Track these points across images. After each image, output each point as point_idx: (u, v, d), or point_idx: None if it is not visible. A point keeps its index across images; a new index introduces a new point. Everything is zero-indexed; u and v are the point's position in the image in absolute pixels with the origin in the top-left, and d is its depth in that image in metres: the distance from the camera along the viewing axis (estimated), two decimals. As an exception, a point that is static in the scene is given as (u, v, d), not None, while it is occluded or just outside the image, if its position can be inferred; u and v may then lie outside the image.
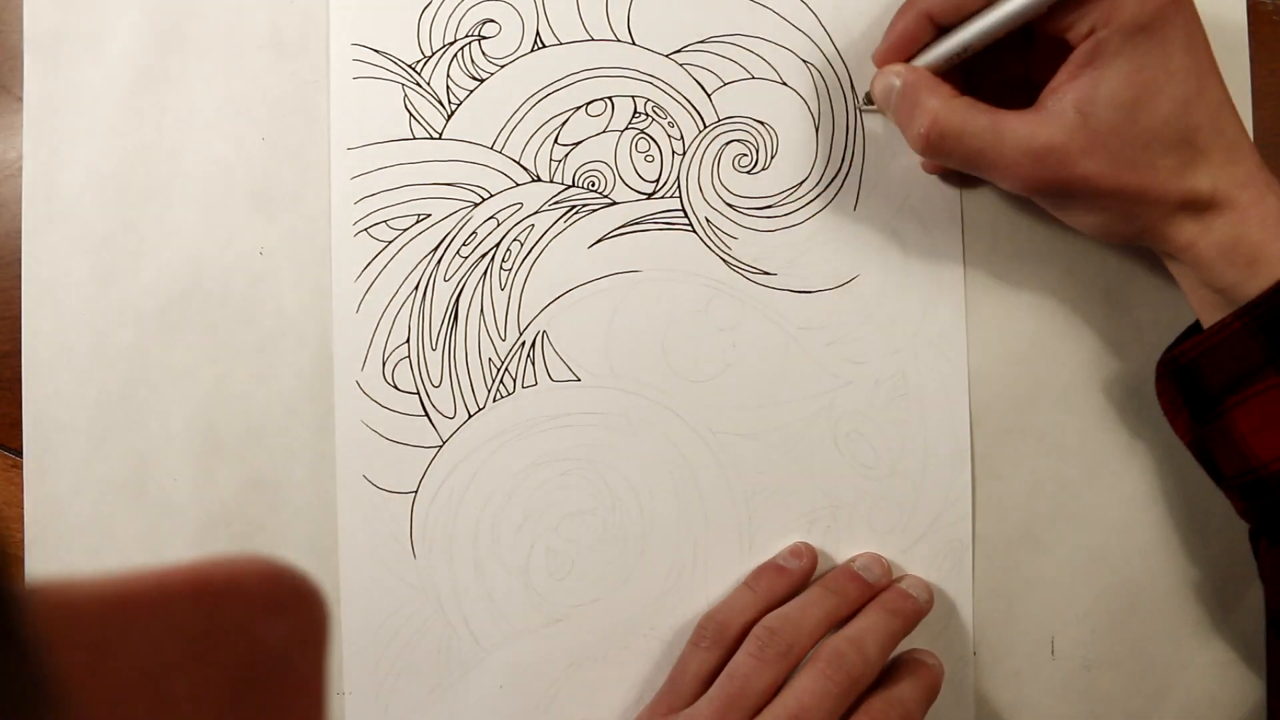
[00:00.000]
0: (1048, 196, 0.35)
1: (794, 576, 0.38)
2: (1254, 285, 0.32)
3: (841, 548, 0.39)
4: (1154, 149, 0.32)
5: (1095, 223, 0.35)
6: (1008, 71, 0.37)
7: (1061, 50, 0.33)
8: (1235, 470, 0.34)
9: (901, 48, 0.36)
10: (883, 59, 0.36)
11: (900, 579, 0.39)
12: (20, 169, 0.38)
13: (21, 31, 0.39)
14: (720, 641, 0.37)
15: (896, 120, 0.35)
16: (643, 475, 0.39)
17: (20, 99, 0.39)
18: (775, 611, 0.36)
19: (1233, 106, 0.33)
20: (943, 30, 0.35)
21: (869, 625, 0.36)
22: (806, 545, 0.39)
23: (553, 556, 0.39)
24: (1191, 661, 0.40)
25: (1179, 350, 0.34)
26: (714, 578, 0.39)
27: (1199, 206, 0.33)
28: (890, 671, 0.37)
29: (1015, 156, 0.33)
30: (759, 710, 0.34)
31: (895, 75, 0.35)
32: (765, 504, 0.39)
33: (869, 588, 0.38)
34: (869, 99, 0.38)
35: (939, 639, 0.40)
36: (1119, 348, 0.40)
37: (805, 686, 0.34)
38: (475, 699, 0.39)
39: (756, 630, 0.36)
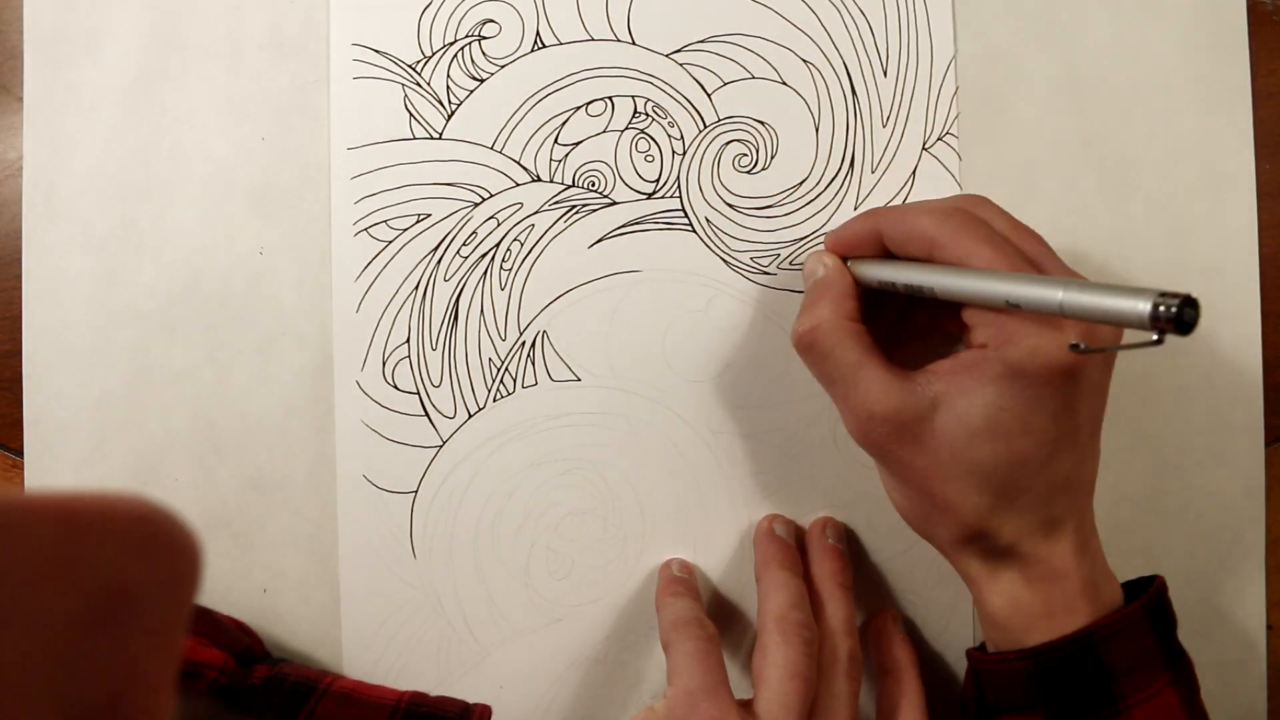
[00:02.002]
0: (868, 451, 0.33)
1: None
2: (1023, 640, 0.32)
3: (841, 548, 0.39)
4: (971, 480, 0.31)
5: (898, 502, 0.34)
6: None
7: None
8: None
9: (849, 244, 0.35)
10: (831, 243, 0.36)
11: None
12: (20, 169, 0.38)
13: (21, 31, 0.39)
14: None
15: (805, 291, 0.36)
16: (643, 475, 0.39)
17: (20, 99, 0.39)
18: None
19: (1086, 489, 0.32)
20: (889, 252, 0.34)
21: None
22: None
23: (553, 556, 0.39)
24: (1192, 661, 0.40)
25: (975, 655, 0.35)
26: (714, 578, 0.39)
27: (991, 552, 0.32)
28: None
29: (856, 404, 0.32)
30: None
31: (822, 266, 0.35)
32: (765, 504, 0.39)
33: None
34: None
35: (939, 639, 0.40)
36: (1119, 348, 0.40)
37: None
38: (475, 699, 0.39)
39: None
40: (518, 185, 0.39)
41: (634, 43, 0.39)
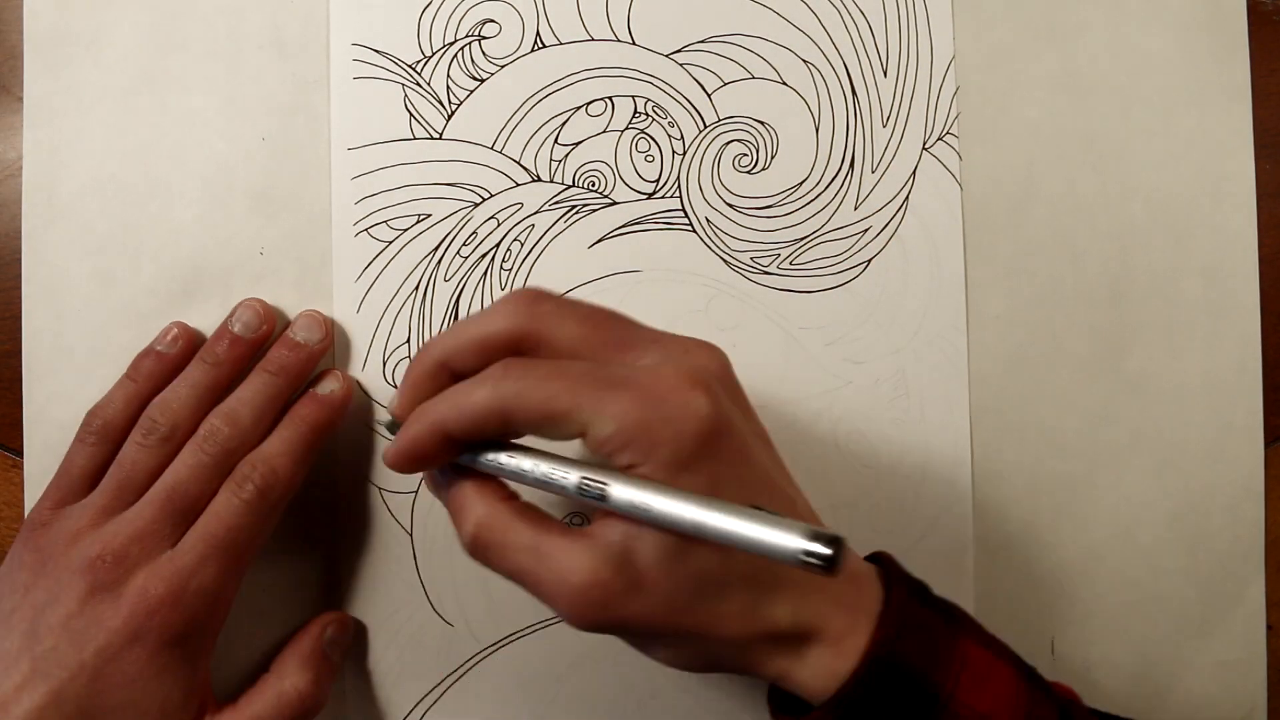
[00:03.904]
0: (599, 630, 0.28)
1: (172, 360, 0.37)
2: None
3: (841, 548, 0.39)
4: (709, 591, 0.28)
5: (669, 656, 0.30)
6: None
7: None
8: None
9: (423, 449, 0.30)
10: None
11: (293, 321, 0.38)
12: (20, 169, 0.38)
13: (21, 31, 0.39)
14: (105, 437, 0.36)
15: (448, 508, 0.31)
16: (643, 475, 0.39)
17: (20, 99, 0.39)
18: (156, 398, 0.36)
19: (805, 509, 0.30)
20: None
21: (246, 394, 0.36)
22: (181, 325, 0.38)
23: (553, 556, 0.39)
24: (1191, 661, 0.40)
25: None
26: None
27: (784, 640, 0.29)
28: (274, 426, 0.36)
29: (556, 589, 0.27)
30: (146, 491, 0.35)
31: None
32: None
33: (248, 346, 0.37)
34: (392, 427, 0.31)
35: (939, 639, 0.40)
36: (1120, 347, 0.40)
37: (183, 461, 0.35)
38: (475, 699, 0.39)
39: (140, 420, 0.35)
40: (518, 185, 0.39)
41: (634, 43, 0.39)
